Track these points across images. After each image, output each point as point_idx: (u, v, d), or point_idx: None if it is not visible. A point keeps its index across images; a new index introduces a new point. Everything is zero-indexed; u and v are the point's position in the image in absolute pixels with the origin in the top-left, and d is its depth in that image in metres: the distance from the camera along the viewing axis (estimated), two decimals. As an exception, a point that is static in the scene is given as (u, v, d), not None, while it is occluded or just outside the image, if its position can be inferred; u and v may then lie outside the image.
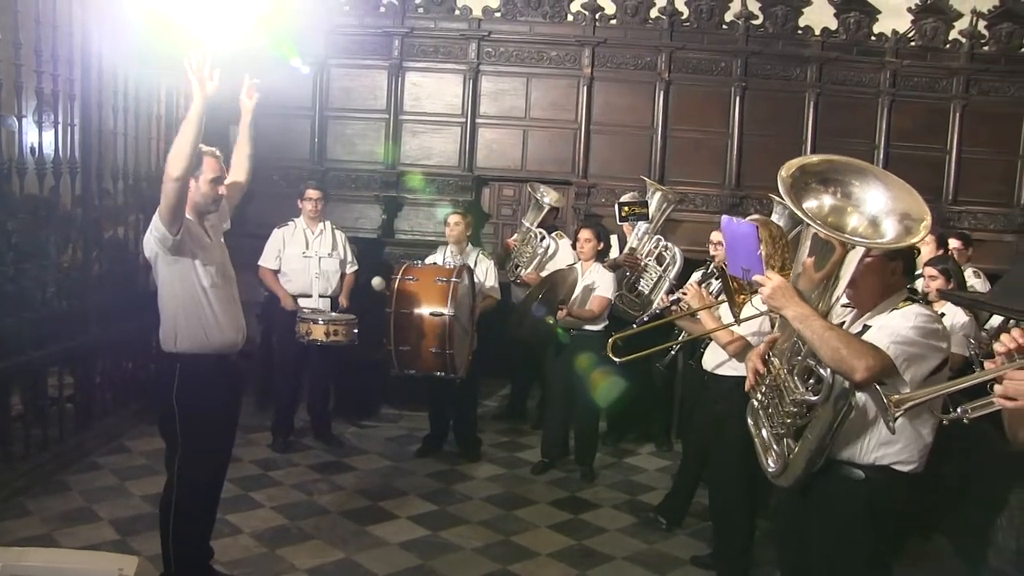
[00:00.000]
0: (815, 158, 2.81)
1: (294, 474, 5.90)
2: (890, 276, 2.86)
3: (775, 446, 2.96)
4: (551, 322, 5.78)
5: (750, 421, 3.15)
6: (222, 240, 4.08)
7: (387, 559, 4.66)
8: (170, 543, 3.92)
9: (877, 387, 2.43)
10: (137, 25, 6.26)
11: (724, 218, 3.28)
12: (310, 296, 6.38)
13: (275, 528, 4.98)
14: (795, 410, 2.79)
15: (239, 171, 4.33)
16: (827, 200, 2.70)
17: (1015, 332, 2.29)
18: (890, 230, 2.61)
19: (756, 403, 3.09)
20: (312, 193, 6.47)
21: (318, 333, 6.03)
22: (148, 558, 3.69)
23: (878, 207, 2.66)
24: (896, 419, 2.28)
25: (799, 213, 2.59)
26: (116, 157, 6.40)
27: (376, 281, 6.29)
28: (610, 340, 4.28)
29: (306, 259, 6.43)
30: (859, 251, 2.63)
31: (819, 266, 2.67)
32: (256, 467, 5.96)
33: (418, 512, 5.35)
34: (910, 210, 2.61)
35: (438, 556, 4.75)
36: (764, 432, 3.03)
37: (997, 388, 2.17)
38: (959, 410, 2.23)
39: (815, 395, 2.70)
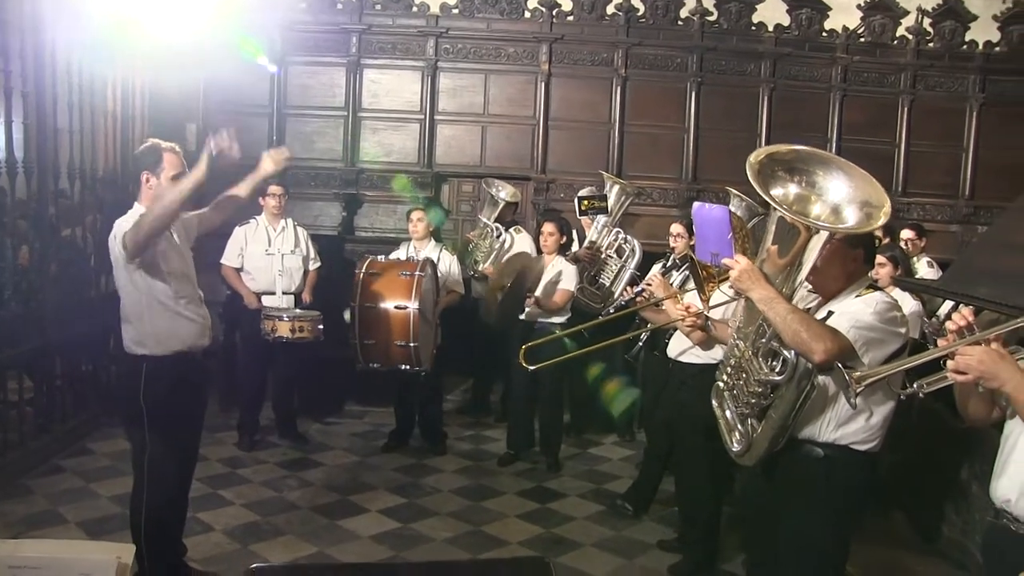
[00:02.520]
0: (783, 147, 2.89)
1: (262, 471, 5.90)
2: (851, 263, 2.98)
3: (739, 426, 3.06)
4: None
5: (714, 402, 3.25)
6: (184, 241, 4.06)
7: (360, 552, 4.70)
8: (142, 542, 3.91)
9: (839, 365, 2.54)
10: (91, 20, 6.21)
11: (696, 204, 3.37)
12: (274, 293, 6.37)
13: (246, 524, 4.99)
14: (759, 390, 2.89)
15: (221, 212, 4.30)
16: (792, 188, 2.79)
17: (965, 311, 2.42)
18: (851, 217, 2.72)
19: (721, 384, 3.18)
20: (275, 189, 6.45)
21: (283, 330, 6.04)
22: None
23: (840, 196, 2.76)
24: (857, 395, 2.38)
25: (766, 198, 2.68)
26: (72, 156, 6.32)
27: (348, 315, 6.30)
28: (522, 348, 4.37)
29: (269, 256, 6.41)
30: (822, 237, 2.73)
31: (783, 252, 2.77)
32: (224, 466, 5.95)
33: (387, 505, 5.39)
34: (871, 198, 2.71)
35: (410, 547, 4.80)
36: (728, 413, 3.13)
37: (949, 363, 2.29)
38: (915, 385, 2.36)
39: (779, 375, 2.80)
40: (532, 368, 4.46)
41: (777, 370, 2.80)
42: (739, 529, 4.67)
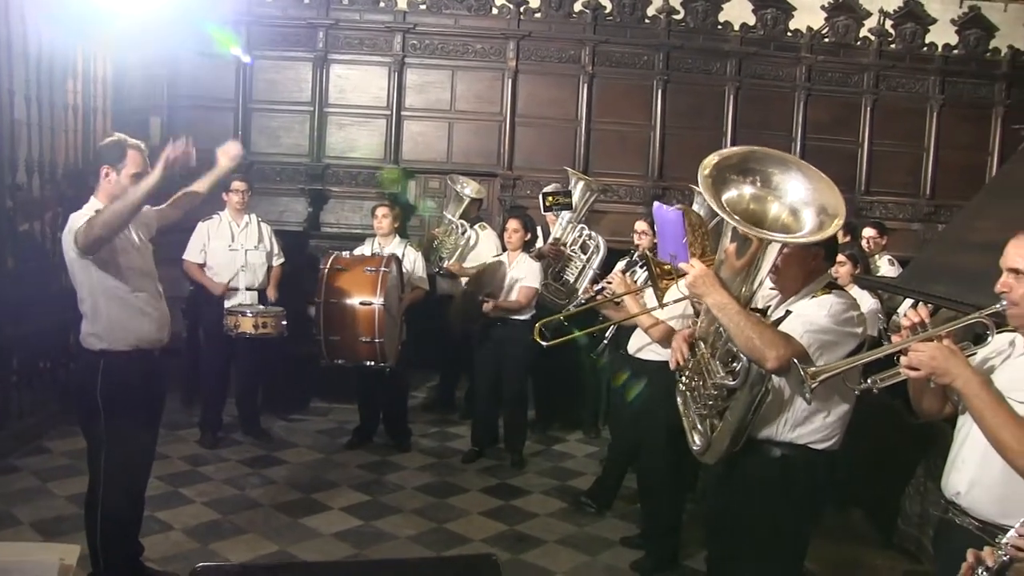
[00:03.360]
0: (730, 152, 2.87)
1: (224, 469, 5.85)
2: (811, 261, 2.97)
3: (699, 425, 3.06)
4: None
5: (679, 400, 3.24)
6: (144, 236, 4.01)
7: (322, 550, 4.67)
8: (97, 542, 3.87)
9: (795, 361, 2.55)
10: (52, 10, 6.12)
11: (656, 204, 3.37)
12: (237, 289, 6.31)
13: (207, 523, 4.94)
14: (716, 392, 2.90)
15: (179, 209, 4.25)
16: (747, 189, 2.77)
17: (919, 308, 2.45)
18: (808, 221, 2.69)
19: (682, 385, 3.19)
20: (239, 185, 6.40)
21: (247, 326, 5.99)
22: (75, 558, 3.65)
23: (798, 197, 2.73)
24: (812, 390, 2.40)
25: (717, 209, 2.65)
26: (31, 150, 6.22)
27: None
28: (536, 325, 4.35)
29: (232, 252, 6.34)
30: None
31: (740, 254, 2.76)
32: (185, 463, 5.88)
33: (351, 503, 5.36)
34: (827, 204, 2.68)
35: (372, 545, 4.78)
36: (691, 412, 3.13)
37: (902, 359, 2.32)
38: (869, 381, 2.38)
39: (733, 379, 2.81)
40: (546, 344, 4.39)
41: (732, 373, 2.81)
42: (701, 525, 4.69)
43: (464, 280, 6.42)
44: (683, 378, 3.18)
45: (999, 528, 2.20)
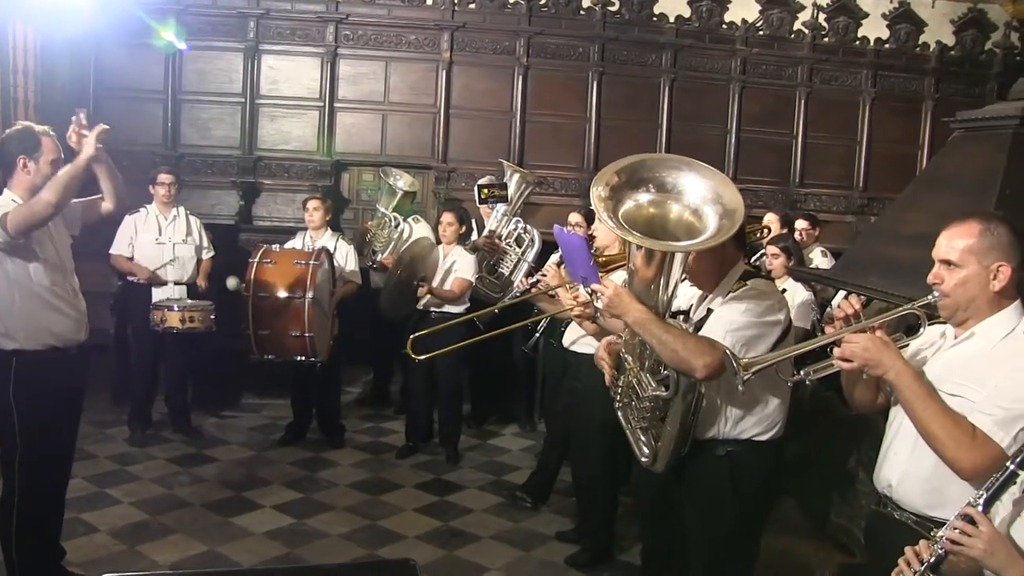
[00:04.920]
0: (619, 167, 2.77)
1: (153, 468, 5.69)
2: (722, 251, 2.92)
3: (643, 437, 3.02)
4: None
5: (620, 416, 3.19)
6: (62, 230, 3.85)
7: (252, 549, 4.57)
8: (13, 549, 3.72)
9: (728, 352, 2.53)
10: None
11: (556, 228, 3.31)
12: (165, 283, 6.14)
13: (134, 524, 4.79)
14: (650, 404, 2.87)
15: (109, 199, 3.93)
16: (644, 197, 2.73)
17: (852, 299, 2.45)
18: (710, 217, 2.66)
19: (617, 402, 3.15)
20: (164, 178, 6.24)
21: (173, 320, 5.83)
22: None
23: (696, 195, 2.70)
24: (745, 381, 2.37)
25: (616, 231, 2.63)
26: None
27: (231, 282, 6.08)
28: (411, 337, 4.31)
29: (159, 246, 6.18)
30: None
31: (649, 262, 2.73)
32: (113, 463, 5.71)
33: (282, 501, 5.25)
34: (725, 199, 2.66)
35: (304, 544, 4.68)
36: (632, 425, 3.08)
37: (835, 351, 2.31)
38: (802, 372, 2.37)
39: (666, 390, 2.77)
40: (419, 359, 4.36)
41: (664, 383, 2.77)
42: (636, 519, 4.68)
43: (394, 264, 6.27)
44: (617, 395, 3.14)
45: (931, 520, 2.20)
